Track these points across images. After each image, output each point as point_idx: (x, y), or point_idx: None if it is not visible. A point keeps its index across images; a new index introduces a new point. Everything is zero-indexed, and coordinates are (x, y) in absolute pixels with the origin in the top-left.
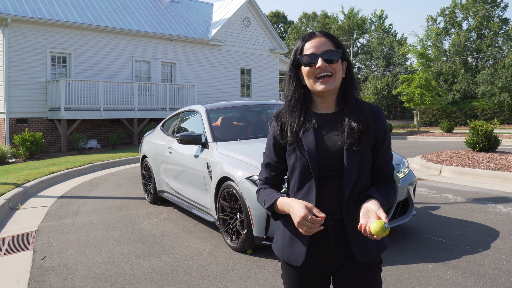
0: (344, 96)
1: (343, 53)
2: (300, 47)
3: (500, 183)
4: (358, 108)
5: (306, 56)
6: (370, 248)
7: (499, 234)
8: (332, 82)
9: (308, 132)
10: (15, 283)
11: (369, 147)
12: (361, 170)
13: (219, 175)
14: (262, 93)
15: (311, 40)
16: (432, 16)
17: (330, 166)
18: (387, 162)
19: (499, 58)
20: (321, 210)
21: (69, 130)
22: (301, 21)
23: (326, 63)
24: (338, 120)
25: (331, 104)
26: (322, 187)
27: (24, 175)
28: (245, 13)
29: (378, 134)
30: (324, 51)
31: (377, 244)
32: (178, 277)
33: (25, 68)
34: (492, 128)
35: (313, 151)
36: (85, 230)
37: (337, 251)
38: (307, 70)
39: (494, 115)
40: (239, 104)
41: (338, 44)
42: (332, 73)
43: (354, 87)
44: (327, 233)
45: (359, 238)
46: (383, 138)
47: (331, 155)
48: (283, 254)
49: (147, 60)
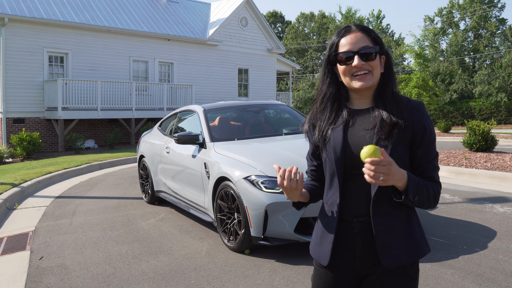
0: (381, 91)
1: (381, 48)
2: (335, 43)
3: (497, 183)
4: (394, 103)
5: (341, 54)
6: (400, 254)
7: (496, 234)
8: (370, 79)
9: (338, 128)
10: (12, 283)
11: (404, 144)
12: None
13: (217, 175)
14: (260, 93)
15: (347, 35)
16: (429, 16)
17: (358, 164)
18: (428, 161)
19: (496, 58)
20: (347, 211)
21: (66, 130)
22: (299, 21)
23: (363, 60)
24: (370, 116)
25: (367, 100)
26: (349, 186)
27: (21, 175)
28: (243, 13)
29: (415, 130)
30: (361, 47)
31: (410, 249)
32: (175, 277)
33: (22, 68)
34: (489, 128)
35: (339, 148)
36: (82, 230)
37: (365, 256)
38: (343, 68)
39: (491, 115)
40: (237, 104)
41: (376, 39)
42: (369, 70)
43: (392, 82)
44: (354, 236)
45: (387, 242)
46: (422, 135)
47: (358, 152)
48: (314, 252)
49: (144, 60)
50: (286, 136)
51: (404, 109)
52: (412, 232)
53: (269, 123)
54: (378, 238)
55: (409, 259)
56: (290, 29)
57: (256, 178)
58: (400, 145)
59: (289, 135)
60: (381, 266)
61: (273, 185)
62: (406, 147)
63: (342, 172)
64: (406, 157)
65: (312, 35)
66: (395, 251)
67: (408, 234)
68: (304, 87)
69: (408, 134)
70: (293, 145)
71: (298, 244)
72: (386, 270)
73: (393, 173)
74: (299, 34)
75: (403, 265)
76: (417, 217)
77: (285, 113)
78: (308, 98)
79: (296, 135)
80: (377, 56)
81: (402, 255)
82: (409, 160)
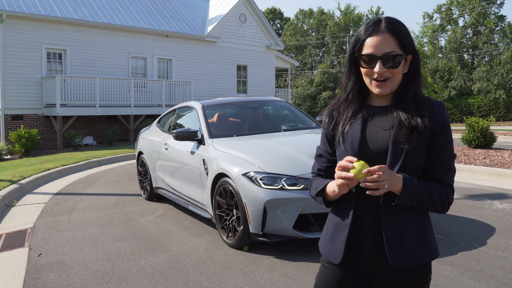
0: (402, 91)
1: (408, 50)
2: (361, 41)
3: (496, 180)
4: (415, 104)
5: (365, 56)
6: (409, 253)
7: (495, 230)
8: (389, 86)
9: (356, 124)
10: (11, 280)
11: (422, 144)
12: (406, 168)
13: (215, 171)
14: (258, 89)
15: (374, 36)
16: (428, 13)
17: (374, 161)
18: (442, 161)
19: (495, 55)
20: (359, 208)
21: (64, 126)
22: (298, 18)
23: (385, 67)
24: (389, 114)
25: (387, 97)
26: None
27: (19, 172)
28: (242, 10)
29: (433, 130)
30: (385, 53)
31: (421, 250)
32: (174, 274)
33: (21, 65)
34: (488, 125)
35: (356, 145)
36: (81, 227)
37: (374, 254)
38: (364, 71)
39: (490, 112)
40: (235, 100)
41: (404, 44)
42: (389, 77)
43: (416, 83)
44: (365, 234)
45: (396, 241)
46: (439, 134)
47: (375, 149)
48: (325, 250)
49: (143, 56)
50: (285, 132)
51: (425, 111)
52: (423, 233)
53: (268, 120)
54: (387, 236)
55: (418, 260)
56: (289, 26)
57: (255, 174)
58: (419, 146)
59: (288, 131)
60: (391, 266)
61: (271, 181)
62: (423, 147)
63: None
64: (422, 157)
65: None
66: (404, 250)
67: (418, 234)
68: (303, 83)
69: (426, 135)
70: (292, 141)
71: (297, 241)
72: (395, 270)
73: (392, 178)
74: (298, 30)
75: (412, 266)
76: (429, 220)
77: (284, 109)
78: (307, 94)
79: (295, 131)
80: (401, 62)
81: (411, 255)
82: (424, 160)
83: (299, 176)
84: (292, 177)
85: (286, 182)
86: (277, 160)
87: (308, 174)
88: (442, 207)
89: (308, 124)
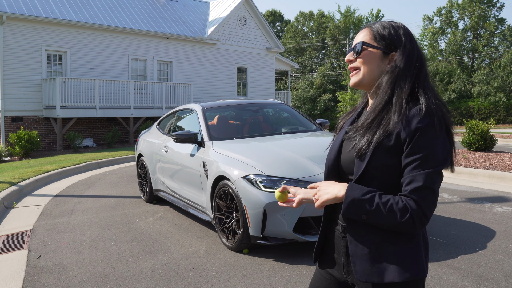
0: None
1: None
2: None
3: (496, 183)
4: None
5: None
6: (379, 268)
7: (495, 233)
8: (356, 77)
9: (342, 130)
10: (10, 282)
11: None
12: (370, 178)
13: (215, 174)
14: (258, 92)
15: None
16: (428, 16)
17: (348, 169)
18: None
19: (495, 58)
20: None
21: (64, 128)
22: (298, 20)
23: (355, 56)
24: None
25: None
26: None
27: (19, 174)
28: (242, 12)
29: (403, 136)
30: (356, 43)
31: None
32: (173, 277)
33: (21, 66)
34: (488, 128)
35: (334, 151)
36: (80, 229)
37: (348, 265)
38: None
39: (490, 114)
40: (236, 103)
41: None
42: (359, 67)
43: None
44: (339, 240)
45: (361, 254)
46: (409, 141)
47: (347, 157)
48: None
49: (143, 58)
50: (285, 135)
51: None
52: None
53: (268, 122)
54: (351, 248)
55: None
56: (289, 28)
57: (254, 177)
58: (382, 153)
59: (288, 134)
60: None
61: (271, 184)
62: (393, 155)
63: (328, 177)
64: (394, 167)
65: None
66: (372, 265)
67: (392, 249)
68: (303, 86)
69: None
70: (292, 144)
71: (297, 244)
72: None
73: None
74: (298, 33)
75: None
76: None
77: (284, 112)
78: (307, 97)
79: (295, 134)
80: (368, 51)
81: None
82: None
83: (299, 179)
84: (292, 180)
85: (286, 185)
86: (277, 163)
87: (308, 177)
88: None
89: (308, 127)
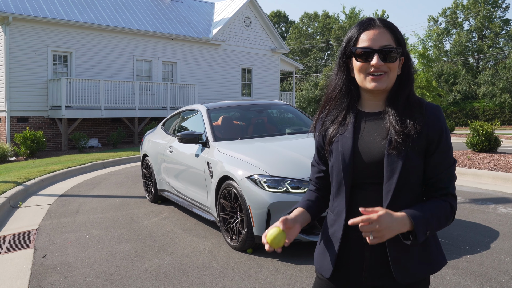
0: (395, 95)
1: (403, 49)
2: (355, 37)
3: (500, 184)
4: (409, 109)
5: (360, 49)
6: (413, 268)
7: (499, 234)
8: (385, 81)
9: (347, 132)
10: (16, 281)
11: (417, 153)
12: (405, 179)
13: (220, 174)
14: (263, 92)
15: (369, 30)
16: (433, 17)
17: (368, 172)
18: (442, 170)
19: (500, 59)
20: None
21: (70, 128)
22: (302, 21)
23: (382, 60)
24: (382, 121)
25: (379, 103)
26: (358, 195)
27: (25, 174)
28: (247, 13)
29: (430, 137)
30: (382, 46)
31: (424, 264)
32: (178, 276)
33: (26, 67)
34: (493, 129)
35: (348, 155)
36: (85, 228)
37: (373, 268)
38: (359, 65)
39: (495, 116)
40: (240, 103)
41: (399, 40)
42: (386, 72)
43: (409, 85)
44: (362, 247)
45: (401, 256)
46: (437, 141)
47: (369, 160)
48: (317, 262)
49: (148, 59)
50: (289, 135)
51: (419, 115)
52: (427, 245)
53: (272, 123)
54: (391, 252)
55: (423, 274)
56: (294, 29)
57: (259, 177)
58: (413, 155)
59: (292, 134)
60: (390, 278)
61: (275, 184)
62: (420, 156)
63: (350, 181)
64: (421, 166)
65: (315, 35)
66: (409, 265)
67: (422, 247)
68: (308, 87)
69: (422, 142)
70: (296, 144)
71: (301, 244)
72: (396, 284)
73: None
74: (303, 34)
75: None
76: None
77: (288, 112)
78: (311, 98)
79: (299, 134)
80: (396, 57)
81: (416, 270)
82: (423, 170)
83: (302, 179)
84: (296, 180)
85: (290, 185)
86: (281, 163)
87: None
88: (448, 222)
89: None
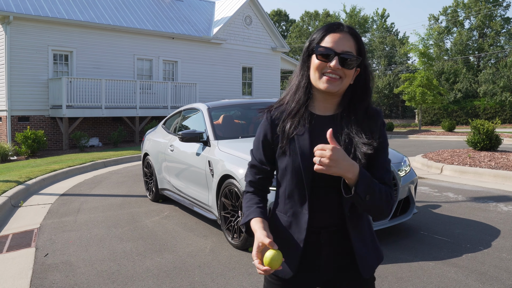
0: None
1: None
2: (320, 37)
3: (501, 182)
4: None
5: (323, 48)
6: (372, 263)
7: (500, 232)
8: (338, 85)
9: (304, 134)
10: (18, 279)
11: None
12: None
13: (221, 173)
14: (264, 91)
15: (336, 33)
16: (434, 15)
17: (326, 176)
18: (381, 162)
19: (501, 57)
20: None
21: (70, 128)
22: (303, 20)
23: (341, 65)
24: (336, 125)
25: (331, 106)
26: (316, 197)
27: (26, 173)
28: (247, 12)
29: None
30: (344, 51)
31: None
32: (179, 275)
33: (27, 66)
34: (494, 127)
35: (307, 158)
36: (87, 227)
37: (328, 264)
38: (317, 63)
39: (495, 114)
40: (241, 102)
41: (361, 50)
42: (341, 76)
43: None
44: (320, 247)
45: (364, 254)
46: (381, 143)
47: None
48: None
49: (148, 58)
50: None
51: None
52: (374, 239)
53: None
54: (358, 251)
55: (376, 265)
56: (294, 28)
57: None
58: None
59: None
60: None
61: (276, 183)
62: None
63: (310, 182)
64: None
65: None
66: (369, 261)
67: (373, 240)
68: None
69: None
70: None
71: None
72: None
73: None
74: (304, 32)
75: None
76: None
77: None
78: None
79: None
80: (353, 64)
81: (374, 263)
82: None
83: None
84: None
85: None
86: None
87: None
88: (387, 207)
89: None
